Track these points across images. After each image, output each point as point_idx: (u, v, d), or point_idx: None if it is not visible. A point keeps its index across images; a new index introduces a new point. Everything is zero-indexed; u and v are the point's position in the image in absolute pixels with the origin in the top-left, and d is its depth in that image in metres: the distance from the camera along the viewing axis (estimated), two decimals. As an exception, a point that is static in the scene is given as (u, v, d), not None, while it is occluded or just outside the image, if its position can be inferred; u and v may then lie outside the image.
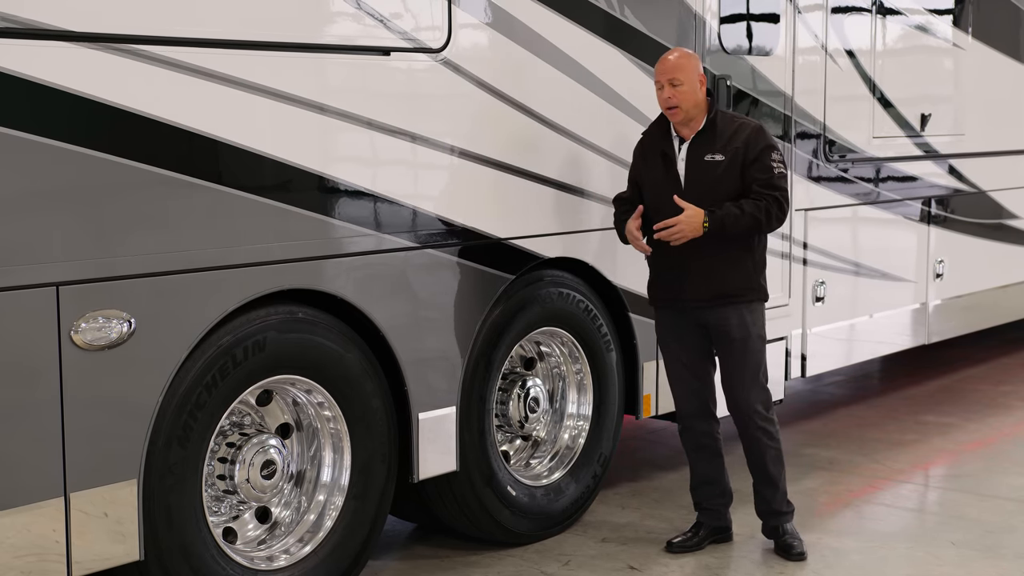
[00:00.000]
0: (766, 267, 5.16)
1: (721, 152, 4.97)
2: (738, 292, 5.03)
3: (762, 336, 5.12)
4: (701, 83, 5.00)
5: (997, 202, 8.47)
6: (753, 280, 5.07)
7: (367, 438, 4.61)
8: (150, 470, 3.96)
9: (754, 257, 5.07)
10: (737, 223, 4.90)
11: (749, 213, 4.90)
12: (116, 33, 3.80)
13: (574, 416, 5.61)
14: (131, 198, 3.85)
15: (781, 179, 4.96)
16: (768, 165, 4.95)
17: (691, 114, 4.99)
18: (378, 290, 4.60)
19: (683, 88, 4.94)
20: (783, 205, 4.96)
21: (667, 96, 4.96)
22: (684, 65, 4.98)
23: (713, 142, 4.99)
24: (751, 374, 5.08)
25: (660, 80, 4.99)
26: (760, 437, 5.13)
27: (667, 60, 5.02)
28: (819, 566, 5.10)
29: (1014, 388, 8.46)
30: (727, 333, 5.04)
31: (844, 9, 6.91)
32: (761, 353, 5.11)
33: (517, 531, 5.29)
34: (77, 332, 3.72)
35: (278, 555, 4.48)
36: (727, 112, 5.25)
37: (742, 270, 5.03)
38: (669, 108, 4.98)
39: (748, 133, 4.99)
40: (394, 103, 4.62)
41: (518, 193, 5.12)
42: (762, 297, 5.13)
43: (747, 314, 5.05)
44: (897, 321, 7.63)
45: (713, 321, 5.06)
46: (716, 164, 4.97)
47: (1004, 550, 5.30)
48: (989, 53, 8.22)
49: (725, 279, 5.01)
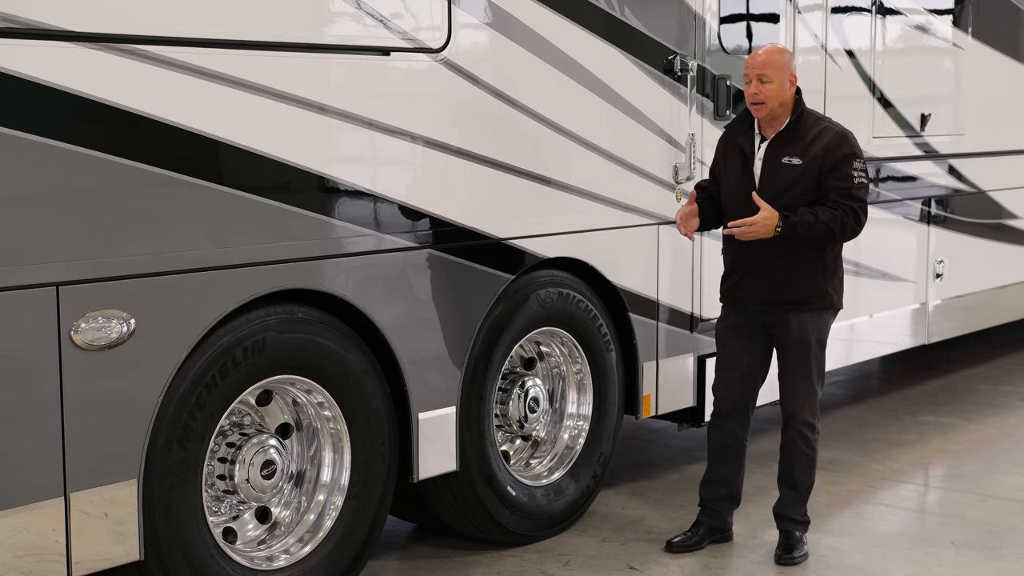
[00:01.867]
0: (839, 276, 5.07)
1: (799, 156, 4.89)
2: (804, 300, 4.97)
3: (822, 342, 5.06)
4: (792, 82, 4.93)
5: (997, 202, 8.47)
6: (820, 288, 4.99)
7: (367, 438, 4.61)
8: (150, 470, 3.95)
9: (824, 265, 4.98)
10: (810, 231, 4.82)
11: (824, 222, 4.81)
12: (116, 33, 3.80)
13: (574, 416, 5.61)
14: (131, 198, 3.85)
15: (861, 189, 4.87)
16: (848, 174, 4.86)
17: (776, 112, 4.92)
18: (378, 290, 4.60)
19: (771, 86, 4.87)
20: (860, 217, 4.87)
21: (754, 91, 4.88)
22: (776, 62, 4.90)
23: (792, 144, 4.91)
24: (803, 377, 5.04)
25: (749, 74, 4.91)
26: (796, 440, 5.11)
27: (758, 55, 4.94)
28: (819, 566, 5.10)
29: (1014, 388, 8.46)
30: (788, 338, 5.01)
31: (844, 9, 6.91)
32: (819, 360, 5.06)
33: (517, 531, 5.29)
34: (77, 332, 3.72)
35: (278, 555, 4.48)
36: (815, 114, 5.10)
37: (810, 277, 4.96)
38: (754, 104, 4.91)
39: (829, 139, 4.89)
40: (394, 103, 4.62)
41: (518, 193, 5.12)
42: (830, 306, 5.04)
43: (809, 321, 4.99)
44: (897, 321, 7.63)
45: (777, 325, 5.03)
46: (792, 168, 4.90)
47: (1004, 550, 5.30)
48: (989, 53, 8.22)
49: (792, 285, 4.95)
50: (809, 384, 5.07)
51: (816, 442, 5.16)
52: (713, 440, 5.30)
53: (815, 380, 5.08)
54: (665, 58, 5.72)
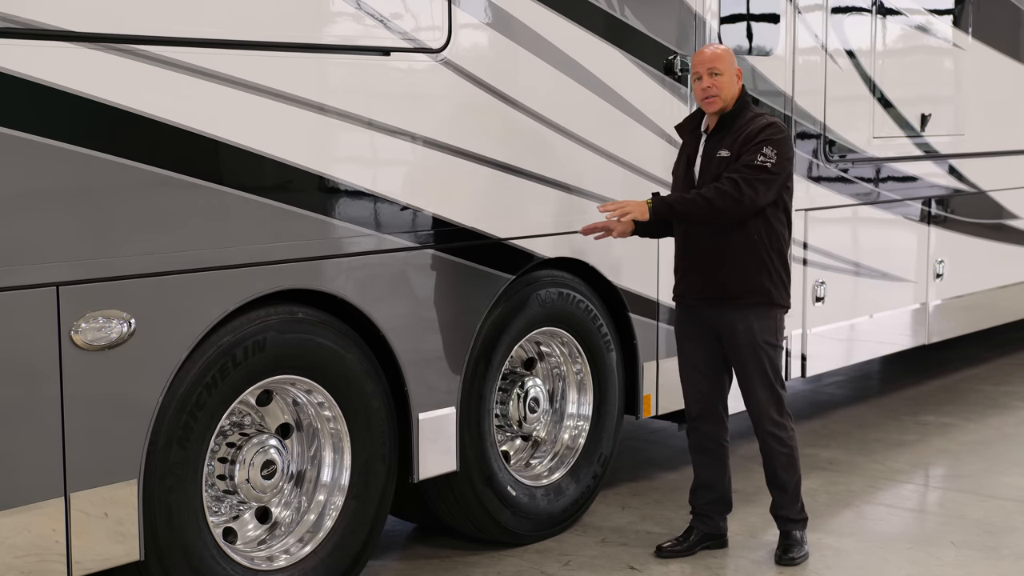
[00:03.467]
0: (779, 273, 4.99)
1: (728, 148, 4.90)
2: (739, 294, 4.95)
3: (771, 342, 5.00)
4: (738, 77, 4.96)
5: (997, 202, 8.47)
6: (756, 283, 4.94)
7: (367, 438, 4.61)
8: (150, 470, 3.95)
9: (760, 260, 4.92)
10: (684, 203, 4.83)
11: (699, 194, 4.80)
12: (116, 33, 3.80)
13: (574, 416, 5.61)
14: (131, 198, 3.85)
15: (758, 170, 4.78)
16: (754, 156, 4.81)
17: (728, 106, 4.94)
18: (378, 290, 4.60)
19: (723, 78, 4.89)
20: (740, 186, 4.75)
21: (706, 85, 4.89)
22: (723, 55, 4.94)
23: (726, 138, 4.92)
24: (759, 379, 5.01)
25: (699, 70, 4.93)
26: (770, 441, 5.09)
27: (705, 51, 4.98)
28: (819, 566, 5.10)
29: (1014, 388, 8.46)
30: (732, 337, 4.99)
31: (844, 9, 6.91)
32: (771, 359, 5.01)
33: (517, 531, 5.29)
34: (77, 332, 3.72)
35: (278, 555, 4.48)
36: (755, 110, 5.05)
37: (744, 272, 4.93)
38: (707, 98, 4.92)
39: (755, 128, 4.87)
40: (394, 103, 4.62)
41: (518, 193, 5.12)
42: (769, 302, 4.98)
43: (754, 320, 4.95)
44: (897, 321, 7.62)
45: (718, 323, 5.01)
46: (723, 160, 4.90)
47: (1004, 550, 5.30)
48: (989, 53, 8.22)
49: (726, 280, 4.95)
50: (766, 385, 5.02)
51: (792, 438, 5.11)
52: (692, 445, 5.28)
53: (772, 380, 5.02)
54: (665, 58, 5.72)
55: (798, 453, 5.17)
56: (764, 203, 4.85)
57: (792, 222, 5.10)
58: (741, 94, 5.00)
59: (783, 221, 5.00)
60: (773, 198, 4.89)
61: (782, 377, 5.11)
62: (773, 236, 4.95)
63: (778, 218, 4.96)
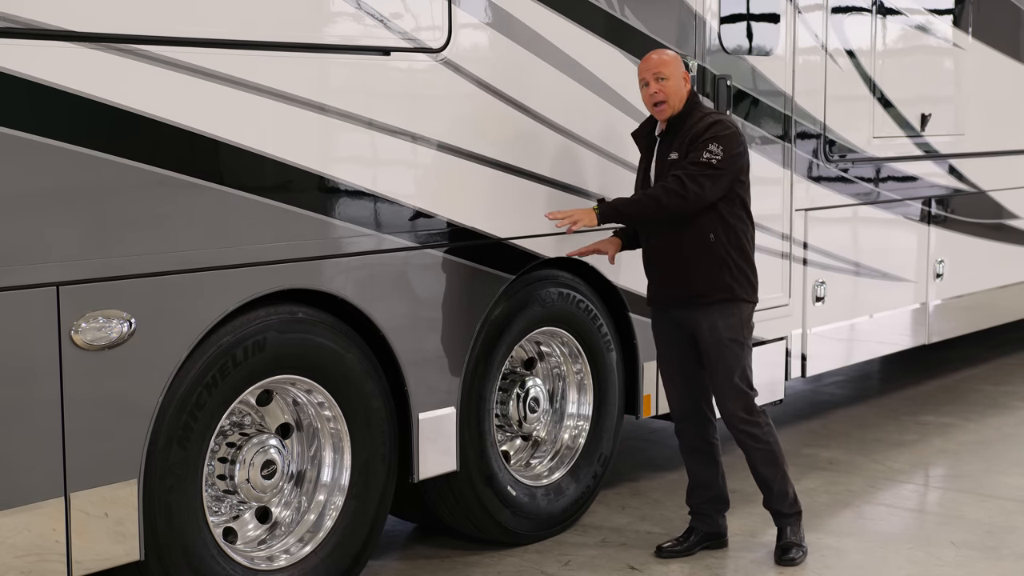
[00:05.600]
0: (742, 269, 4.97)
1: (677, 150, 4.91)
2: (702, 292, 4.94)
3: (737, 339, 4.97)
4: (685, 80, 4.97)
5: (997, 202, 8.47)
6: (718, 280, 4.93)
7: (367, 438, 4.61)
8: (150, 470, 3.96)
9: (719, 258, 4.91)
10: (631, 205, 4.86)
11: (646, 194, 4.84)
12: (116, 33, 3.80)
13: (574, 416, 5.61)
14: (131, 198, 3.85)
15: (703, 166, 4.77)
16: (699, 154, 4.81)
17: (677, 110, 4.95)
18: (378, 290, 4.60)
19: (669, 83, 4.90)
20: (684, 183, 4.75)
21: (653, 91, 4.92)
22: (668, 60, 4.95)
23: (675, 140, 4.94)
24: (725, 378, 4.99)
25: (645, 77, 4.95)
26: (744, 440, 5.08)
27: (650, 58, 5.00)
28: (819, 566, 5.10)
29: (1014, 388, 8.46)
30: (699, 335, 5.00)
31: (844, 9, 6.91)
32: (737, 357, 4.98)
33: (517, 531, 5.29)
34: (77, 332, 3.72)
35: (278, 555, 4.48)
36: (704, 110, 5.04)
37: (706, 270, 4.92)
38: (656, 104, 4.94)
39: (702, 126, 4.87)
40: (394, 103, 4.62)
41: (518, 193, 5.12)
42: (734, 298, 4.96)
43: (718, 317, 4.94)
44: (897, 321, 7.63)
45: (685, 322, 5.02)
46: (673, 163, 4.90)
47: (1004, 550, 5.30)
48: (989, 53, 8.22)
49: (687, 279, 4.94)
50: (730, 382, 4.99)
51: (767, 433, 5.07)
52: (682, 446, 5.29)
53: (737, 380, 4.99)
54: (665, 58, 5.72)
55: (778, 447, 5.13)
56: (712, 198, 4.84)
57: (753, 216, 5.07)
58: (690, 95, 5.00)
59: (741, 217, 4.98)
60: (721, 193, 4.86)
61: (749, 376, 5.05)
62: (731, 232, 4.94)
63: (734, 214, 4.95)
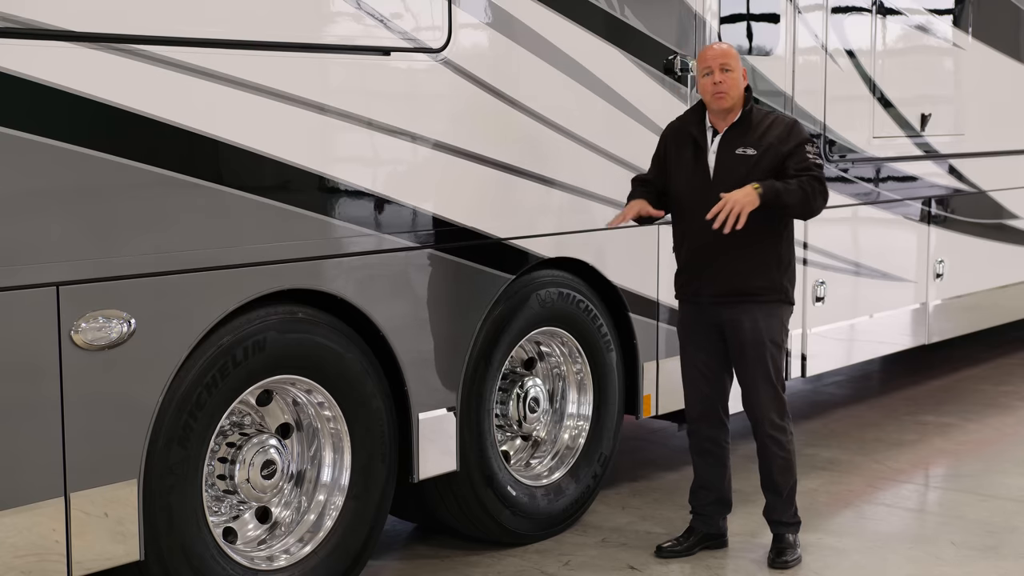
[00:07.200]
0: (793, 268, 5.06)
1: (753, 147, 4.92)
2: (758, 291, 4.94)
3: (777, 341, 5.00)
4: (743, 75, 5.00)
5: (997, 202, 8.47)
6: (776, 280, 4.97)
7: (367, 438, 4.61)
8: (150, 470, 3.96)
9: (780, 256, 4.98)
10: (788, 192, 4.82)
11: (798, 185, 4.84)
12: (116, 33, 3.80)
13: (574, 416, 5.61)
14: (131, 198, 3.85)
15: (818, 168, 4.94)
16: (804, 157, 4.91)
17: (735, 103, 4.95)
18: (378, 290, 4.60)
19: (733, 75, 4.91)
20: (824, 182, 4.91)
21: (718, 80, 4.90)
22: (732, 52, 4.97)
23: (746, 136, 4.94)
24: (763, 379, 5.00)
25: (710, 66, 4.92)
26: (768, 444, 5.08)
27: (713, 48, 5.01)
28: (819, 566, 5.10)
29: (1014, 388, 8.46)
30: (740, 334, 4.98)
31: (844, 9, 6.91)
32: (776, 359, 5.01)
33: (517, 531, 5.29)
34: (77, 332, 3.72)
35: (278, 555, 4.48)
36: (762, 108, 5.16)
37: (764, 268, 4.95)
38: (718, 94, 4.92)
39: (782, 129, 4.95)
40: (394, 103, 4.62)
41: (518, 193, 5.12)
42: (783, 299, 5.01)
43: (761, 317, 4.95)
44: (897, 321, 7.62)
45: (727, 320, 4.99)
46: (747, 158, 4.92)
47: (1004, 550, 5.30)
48: (989, 53, 8.22)
49: (747, 276, 4.93)
50: (769, 386, 5.01)
51: (790, 443, 5.10)
52: (692, 447, 5.27)
53: (775, 382, 5.01)
54: (665, 58, 5.72)
55: (795, 458, 5.16)
56: None
57: None
58: (749, 92, 5.04)
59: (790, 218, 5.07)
60: None
61: (783, 379, 5.11)
62: (789, 232, 5.04)
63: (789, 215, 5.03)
